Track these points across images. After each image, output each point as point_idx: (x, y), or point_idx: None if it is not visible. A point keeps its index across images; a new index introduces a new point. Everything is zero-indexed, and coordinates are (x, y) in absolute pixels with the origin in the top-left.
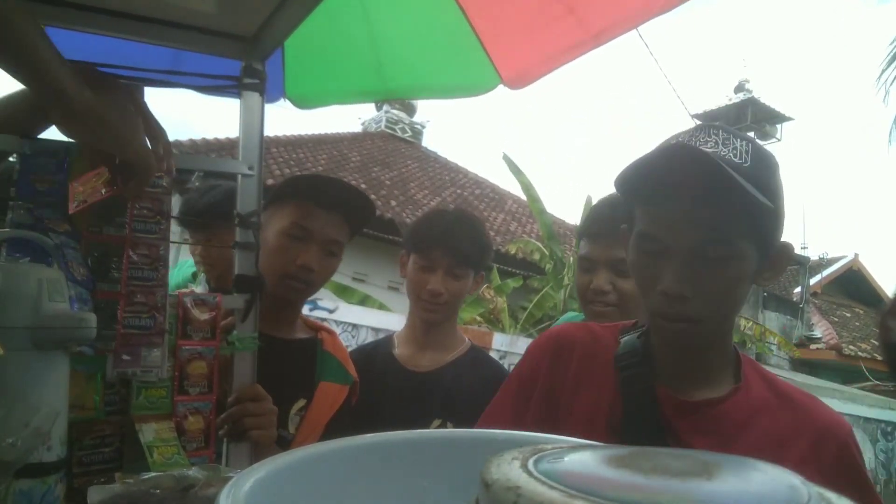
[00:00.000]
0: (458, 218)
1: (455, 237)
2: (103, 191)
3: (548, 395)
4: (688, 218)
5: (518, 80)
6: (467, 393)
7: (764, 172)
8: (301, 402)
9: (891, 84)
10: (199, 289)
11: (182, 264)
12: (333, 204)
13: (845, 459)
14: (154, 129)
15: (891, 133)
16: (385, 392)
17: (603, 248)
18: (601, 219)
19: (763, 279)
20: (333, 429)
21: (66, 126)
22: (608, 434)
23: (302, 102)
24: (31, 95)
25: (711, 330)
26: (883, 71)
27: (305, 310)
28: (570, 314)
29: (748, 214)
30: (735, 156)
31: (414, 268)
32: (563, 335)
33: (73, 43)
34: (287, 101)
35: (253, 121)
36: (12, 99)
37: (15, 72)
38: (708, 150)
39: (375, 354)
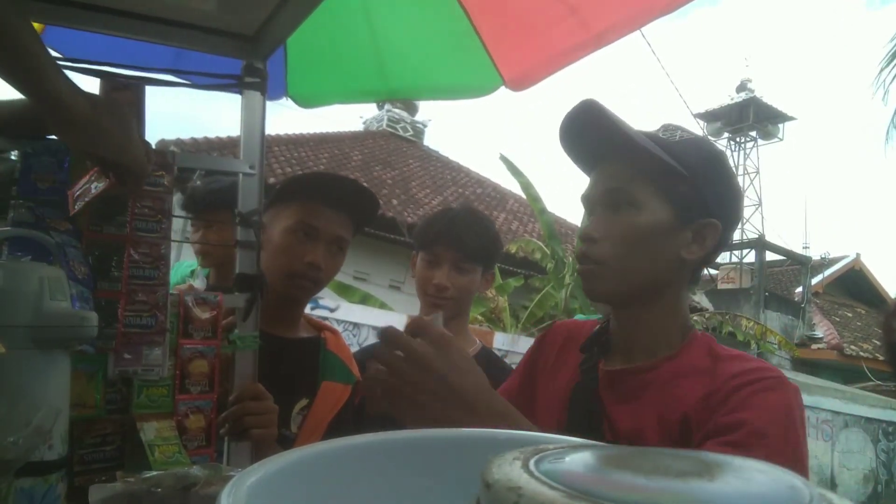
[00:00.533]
0: (464, 213)
1: (460, 231)
2: (95, 186)
3: (530, 376)
4: (601, 172)
5: (520, 82)
6: None
7: (688, 151)
8: (303, 402)
9: (890, 83)
10: (197, 282)
11: (179, 265)
12: (339, 202)
13: (751, 395)
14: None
15: (888, 132)
16: None
17: None
18: None
19: (689, 252)
20: (336, 428)
21: (63, 134)
22: (560, 408)
23: (304, 101)
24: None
25: (617, 277)
26: (882, 69)
27: (307, 308)
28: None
29: (653, 172)
30: (667, 136)
31: (421, 265)
32: (555, 327)
33: (76, 42)
34: (289, 99)
35: (254, 120)
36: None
37: (13, 80)
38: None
39: None
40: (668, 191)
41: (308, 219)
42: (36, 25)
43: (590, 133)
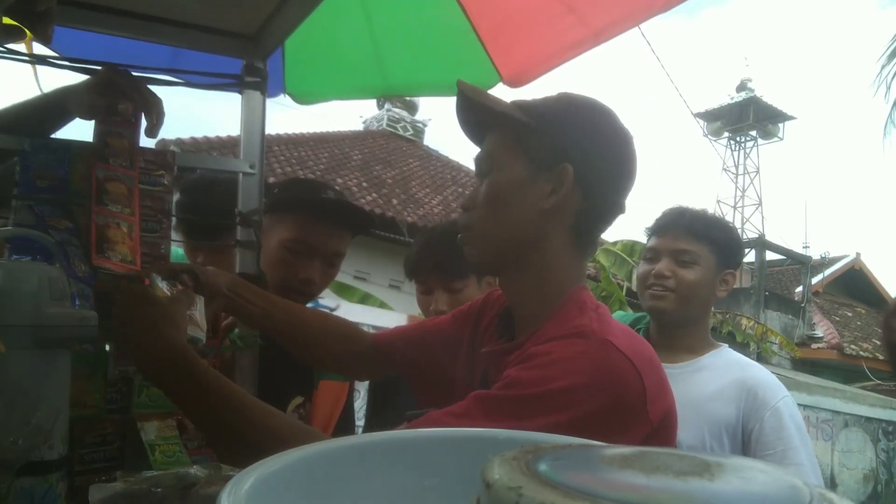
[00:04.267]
0: (439, 234)
1: (438, 256)
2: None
3: (473, 327)
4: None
5: (517, 79)
6: None
7: (548, 103)
8: (298, 400)
9: (892, 80)
10: None
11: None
12: (334, 219)
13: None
14: (148, 99)
15: (885, 126)
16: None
17: (668, 240)
18: (669, 215)
19: (547, 202)
20: (343, 428)
21: None
22: (464, 379)
23: (302, 97)
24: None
25: (483, 241)
26: (883, 67)
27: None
28: (618, 313)
29: (509, 132)
30: (539, 100)
31: (417, 294)
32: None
33: (76, 41)
34: (287, 95)
35: (254, 119)
36: (25, 105)
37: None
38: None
39: None
40: (522, 146)
41: (305, 236)
42: None
43: (465, 116)
